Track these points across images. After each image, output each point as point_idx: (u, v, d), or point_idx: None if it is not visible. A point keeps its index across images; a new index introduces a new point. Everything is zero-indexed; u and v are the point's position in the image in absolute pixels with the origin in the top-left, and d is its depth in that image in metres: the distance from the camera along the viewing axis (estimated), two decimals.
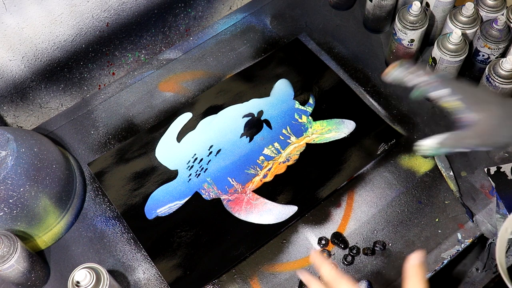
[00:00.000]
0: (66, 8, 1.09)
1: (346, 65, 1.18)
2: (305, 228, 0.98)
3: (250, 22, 1.25)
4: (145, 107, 1.14)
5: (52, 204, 0.94)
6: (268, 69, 1.17)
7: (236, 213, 0.99)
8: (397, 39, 1.09)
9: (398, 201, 1.01)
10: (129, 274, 0.95)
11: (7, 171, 0.88)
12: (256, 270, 0.95)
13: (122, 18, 1.21)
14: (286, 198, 1.00)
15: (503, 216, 0.97)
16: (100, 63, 1.25)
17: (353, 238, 0.97)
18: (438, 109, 1.11)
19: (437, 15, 1.11)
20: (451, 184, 1.01)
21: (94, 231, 0.99)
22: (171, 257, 0.95)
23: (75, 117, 1.12)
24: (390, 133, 1.07)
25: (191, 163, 1.05)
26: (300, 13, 1.26)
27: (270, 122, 1.09)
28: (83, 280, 0.80)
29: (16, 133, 0.93)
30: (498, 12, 1.05)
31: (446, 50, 1.01)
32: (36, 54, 1.12)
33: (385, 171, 1.04)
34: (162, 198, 1.01)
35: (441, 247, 0.96)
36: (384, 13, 1.17)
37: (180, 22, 1.33)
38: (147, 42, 1.30)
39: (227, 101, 1.12)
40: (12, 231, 0.91)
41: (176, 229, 0.98)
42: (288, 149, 1.06)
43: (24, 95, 1.17)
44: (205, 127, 1.09)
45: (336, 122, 1.09)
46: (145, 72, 1.18)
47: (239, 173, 1.03)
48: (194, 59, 1.20)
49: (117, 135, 1.10)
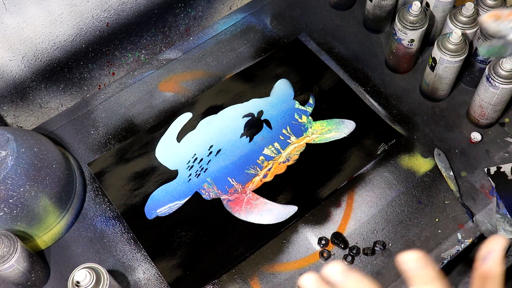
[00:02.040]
0: (66, 8, 1.09)
1: (346, 65, 1.18)
2: (305, 228, 0.98)
3: (250, 22, 1.25)
4: (145, 107, 1.14)
5: (52, 204, 0.94)
6: (268, 69, 1.17)
7: (236, 213, 0.99)
8: (397, 39, 1.09)
9: (398, 201, 1.01)
10: (129, 274, 0.95)
11: (7, 171, 0.88)
12: (256, 270, 0.95)
13: (122, 18, 1.21)
14: (286, 198, 1.00)
15: (503, 216, 0.97)
16: (100, 63, 1.25)
17: (353, 238, 0.97)
18: (438, 109, 1.11)
19: (437, 15, 1.11)
20: (451, 184, 1.01)
21: (94, 231, 0.99)
22: (171, 257, 0.95)
23: (75, 117, 1.12)
24: (390, 133, 1.07)
25: (191, 163, 1.05)
26: (300, 13, 1.26)
27: (270, 122, 1.09)
28: (83, 280, 0.80)
29: (16, 133, 0.93)
30: None
31: (446, 50, 1.01)
32: (36, 54, 1.12)
33: (385, 171, 1.04)
34: (162, 198, 1.01)
35: (441, 247, 0.96)
36: (384, 13, 1.17)
37: (180, 22, 1.33)
38: (147, 42, 1.30)
39: (227, 101, 1.12)
40: (12, 231, 0.91)
41: (176, 229, 0.98)
42: (288, 149, 1.06)
43: (24, 95, 1.17)
44: (205, 127, 1.09)
45: (336, 122, 1.09)
46: (145, 72, 1.18)
47: (239, 173, 1.03)
48: (194, 59, 1.20)
49: (117, 135, 1.10)
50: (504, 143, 1.06)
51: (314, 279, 0.42)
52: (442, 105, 1.12)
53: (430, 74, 1.07)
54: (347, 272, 0.41)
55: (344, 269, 0.40)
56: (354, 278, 0.41)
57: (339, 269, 0.40)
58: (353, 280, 0.41)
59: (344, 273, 0.41)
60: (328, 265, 0.41)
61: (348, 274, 0.41)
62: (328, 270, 0.41)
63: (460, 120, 1.10)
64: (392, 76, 1.16)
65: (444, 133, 1.08)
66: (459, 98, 1.13)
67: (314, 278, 0.42)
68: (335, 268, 0.40)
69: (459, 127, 1.09)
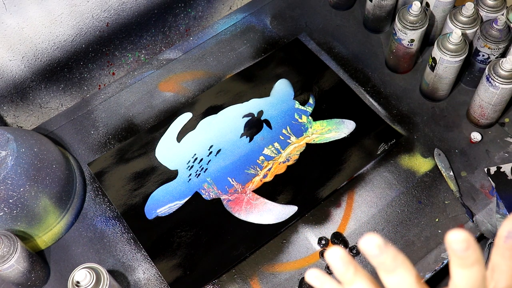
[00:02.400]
0: (66, 8, 1.09)
1: (346, 65, 1.18)
2: (305, 228, 0.98)
3: (250, 22, 1.25)
4: (145, 107, 1.14)
5: (52, 204, 0.94)
6: (268, 69, 1.17)
7: (236, 213, 0.99)
8: (397, 39, 1.09)
9: (398, 201, 1.01)
10: (129, 274, 0.95)
11: (7, 171, 0.88)
12: (256, 270, 0.95)
13: (122, 18, 1.21)
14: (286, 198, 1.00)
15: (503, 216, 0.97)
16: (100, 63, 1.25)
17: (353, 238, 0.97)
18: (438, 109, 1.11)
19: (437, 15, 1.11)
20: (451, 184, 1.01)
21: (94, 231, 0.99)
22: (171, 257, 0.95)
23: (75, 117, 1.12)
24: (390, 133, 1.07)
25: (191, 163, 1.05)
26: (300, 13, 1.26)
27: (270, 122, 1.09)
28: (83, 280, 0.80)
29: (16, 133, 0.93)
30: (498, 12, 1.05)
31: (446, 50, 1.01)
32: (36, 54, 1.12)
33: (385, 171, 1.04)
34: (162, 198, 1.01)
35: (441, 247, 0.96)
36: (384, 13, 1.17)
37: (180, 22, 1.33)
38: (147, 42, 1.30)
39: (227, 101, 1.12)
40: (12, 231, 0.91)
41: (176, 229, 0.98)
42: (288, 149, 1.06)
43: (24, 95, 1.17)
44: (205, 127, 1.09)
45: (336, 122, 1.09)
46: (145, 72, 1.18)
47: (239, 173, 1.03)
48: (194, 59, 1.20)
49: (117, 135, 1.10)
50: (504, 143, 1.06)
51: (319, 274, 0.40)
52: (442, 105, 1.12)
53: (430, 74, 1.07)
54: (385, 246, 0.37)
55: (382, 243, 0.37)
56: (392, 253, 0.37)
57: (376, 242, 0.37)
58: (391, 255, 0.37)
59: (381, 247, 0.37)
60: (365, 237, 0.37)
61: (385, 249, 0.37)
62: (364, 243, 0.37)
63: (460, 120, 1.10)
64: (392, 76, 1.16)
65: (444, 133, 1.08)
66: (459, 98, 1.13)
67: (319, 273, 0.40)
68: (372, 241, 0.37)
69: (459, 127, 1.09)
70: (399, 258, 0.37)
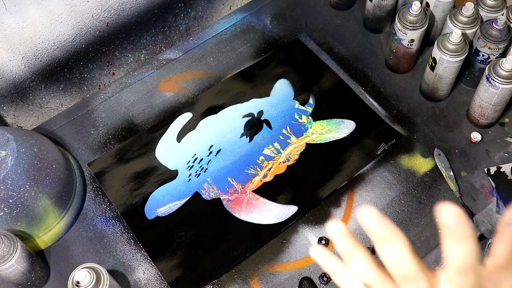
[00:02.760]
0: (66, 8, 1.09)
1: (346, 65, 1.18)
2: (305, 228, 0.98)
3: (250, 22, 1.25)
4: (145, 107, 1.14)
5: (52, 204, 0.94)
6: (268, 69, 1.17)
7: (236, 213, 0.99)
8: (397, 39, 1.09)
9: (398, 201, 1.01)
10: (129, 274, 0.95)
11: (7, 171, 0.88)
12: (256, 270, 0.95)
13: (122, 18, 1.21)
14: (286, 198, 1.00)
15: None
16: (100, 63, 1.25)
17: None
18: (438, 109, 1.11)
19: (437, 15, 1.11)
20: (451, 184, 1.01)
21: (94, 231, 0.99)
22: (171, 257, 0.95)
23: (75, 117, 1.12)
24: (390, 133, 1.07)
25: (191, 163, 1.05)
26: (300, 13, 1.26)
27: (270, 122, 1.09)
28: (83, 280, 0.80)
29: (16, 133, 0.93)
30: (498, 12, 1.05)
31: (446, 50, 1.01)
32: (36, 54, 1.12)
33: (385, 171, 1.04)
34: (162, 198, 1.01)
35: (441, 247, 0.96)
36: (384, 13, 1.17)
37: (180, 22, 1.33)
38: (147, 42, 1.30)
39: (227, 101, 1.12)
40: (12, 231, 0.91)
41: (176, 229, 0.98)
42: (288, 149, 1.06)
43: (24, 95, 1.17)
44: (205, 127, 1.09)
45: (336, 122, 1.09)
46: (145, 72, 1.18)
47: (239, 173, 1.03)
48: (194, 59, 1.20)
49: (117, 135, 1.10)
50: (504, 143, 1.06)
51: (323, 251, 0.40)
52: (442, 105, 1.12)
53: (430, 74, 1.07)
54: (381, 219, 0.38)
55: (378, 215, 0.38)
56: (387, 225, 0.38)
57: (373, 214, 0.38)
58: (386, 227, 0.38)
59: (378, 219, 0.38)
60: (362, 209, 0.38)
61: (381, 221, 0.38)
62: (361, 214, 0.38)
63: (460, 120, 1.10)
64: (392, 76, 1.16)
65: (444, 133, 1.08)
66: (459, 98, 1.13)
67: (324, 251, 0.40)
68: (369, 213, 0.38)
69: (459, 127, 1.09)
70: (394, 231, 0.38)
